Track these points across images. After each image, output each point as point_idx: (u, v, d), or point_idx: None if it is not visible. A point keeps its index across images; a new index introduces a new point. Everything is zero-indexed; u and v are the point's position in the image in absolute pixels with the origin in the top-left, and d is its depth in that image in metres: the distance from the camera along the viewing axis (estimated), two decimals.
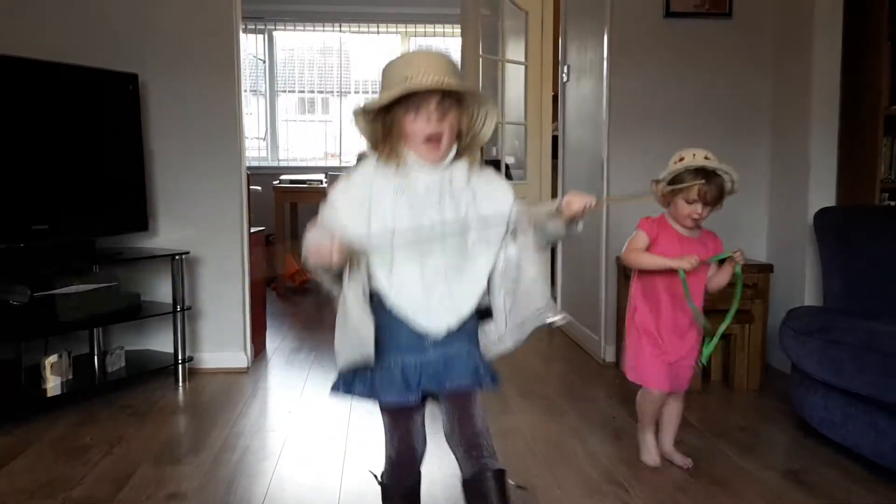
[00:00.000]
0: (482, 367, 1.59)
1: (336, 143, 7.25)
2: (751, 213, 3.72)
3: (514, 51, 5.40)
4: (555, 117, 5.08)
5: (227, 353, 3.64)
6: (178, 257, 3.37)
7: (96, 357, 3.43)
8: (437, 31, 7.25)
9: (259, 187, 5.09)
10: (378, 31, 7.16)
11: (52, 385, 3.05)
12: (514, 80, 5.38)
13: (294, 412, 3.05)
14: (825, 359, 2.51)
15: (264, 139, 7.17)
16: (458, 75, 1.59)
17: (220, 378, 3.50)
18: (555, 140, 4.90)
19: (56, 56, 3.15)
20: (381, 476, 1.75)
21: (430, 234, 1.54)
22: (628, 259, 2.40)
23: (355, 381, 1.61)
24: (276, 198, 5.76)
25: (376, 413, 1.67)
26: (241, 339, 3.67)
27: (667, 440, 2.51)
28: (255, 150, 7.03)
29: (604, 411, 3.06)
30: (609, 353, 3.71)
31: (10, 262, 2.98)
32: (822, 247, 2.98)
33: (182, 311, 3.40)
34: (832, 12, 3.31)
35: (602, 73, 3.69)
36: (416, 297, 1.56)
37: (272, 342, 4.18)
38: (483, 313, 1.63)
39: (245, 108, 3.77)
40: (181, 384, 3.39)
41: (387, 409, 1.65)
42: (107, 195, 3.34)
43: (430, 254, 1.55)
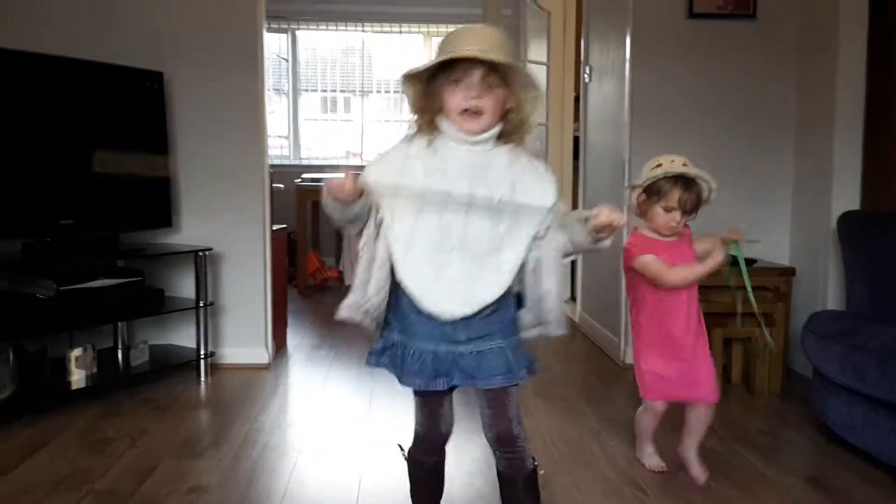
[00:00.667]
0: (514, 361, 1.58)
1: (357, 142, 7.28)
2: (774, 215, 3.70)
3: (536, 51, 5.39)
4: (576, 118, 5.07)
5: (248, 349, 3.67)
6: (201, 254, 3.40)
7: (120, 351, 3.48)
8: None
9: (282, 185, 5.13)
10: (400, 31, 7.18)
11: (77, 378, 3.10)
12: None
13: (314, 408, 3.07)
14: (847, 363, 2.49)
15: (287, 138, 7.21)
16: (508, 51, 1.53)
17: (241, 374, 3.53)
18: (576, 141, 4.90)
19: (82, 54, 3.19)
20: (409, 451, 1.78)
21: (458, 202, 1.51)
22: (676, 281, 2.24)
23: (383, 356, 1.63)
24: (299, 196, 5.80)
25: (396, 409, 1.70)
26: (263, 336, 3.70)
27: (690, 446, 2.41)
28: (278, 149, 7.08)
29: (623, 413, 3.05)
30: (629, 355, 3.70)
31: (37, 256, 3.03)
32: (846, 251, 2.95)
33: (205, 307, 3.43)
34: (857, 12, 3.28)
35: (624, 74, 3.68)
36: (426, 280, 1.53)
37: (293, 339, 4.21)
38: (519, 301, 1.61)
39: (268, 107, 3.80)
40: (203, 379, 3.43)
41: (417, 391, 1.67)
42: (132, 191, 3.38)
43: (450, 237, 1.52)
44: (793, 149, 3.68)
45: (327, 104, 7.47)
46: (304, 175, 6.10)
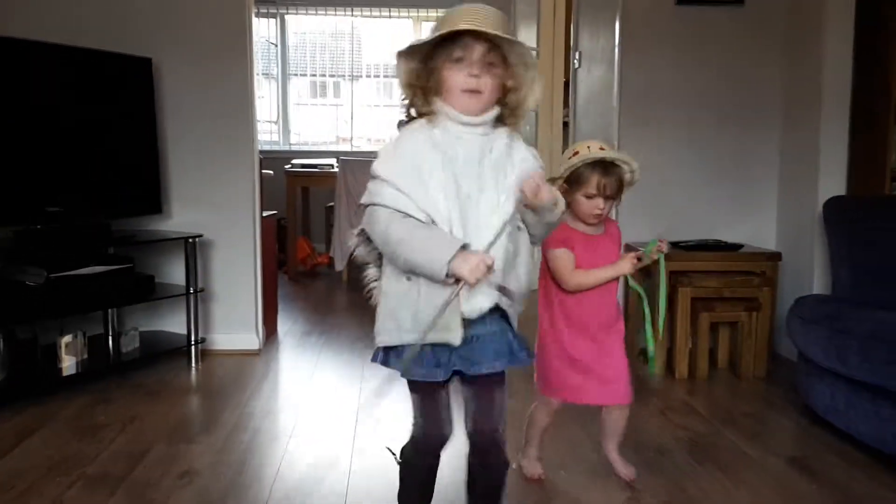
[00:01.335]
0: (516, 343, 1.56)
1: (347, 127, 7.27)
2: (760, 201, 3.73)
3: (526, 36, 5.38)
4: (566, 104, 5.08)
5: (239, 335, 3.68)
6: (191, 240, 3.40)
7: (111, 337, 3.48)
8: None
9: (271, 171, 5.12)
10: (390, 16, 7.15)
11: (68, 365, 3.11)
12: None
13: (304, 393, 3.09)
14: (831, 347, 2.53)
15: (276, 123, 7.19)
16: (510, 35, 1.51)
17: (232, 359, 3.54)
18: (565, 126, 4.90)
19: (71, 40, 3.17)
20: (401, 454, 1.71)
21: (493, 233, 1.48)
22: (577, 285, 2.13)
23: (390, 355, 1.57)
24: (288, 182, 5.79)
25: (387, 393, 1.69)
26: (253, 322, 3.71)
27: (611, 448, 2.31)
28: (267, 134, 7.06)
29: None
30: None
31: (27, 243, 3.02)
32: (832, 236, 2.98)
33: (195, 294, 3.44)
34: (845, 1, 3.29)
35: (613, 60, 3.70)
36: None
37: (283, 325, 4.22)
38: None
39: (257, 92, 3.79)
40: (194, 365, 3.44)
41: (415, 387, 1.60)
42: (121, 178, 3.37)
43: (465, 227, 1.49)
44: (780, 134, 3.71)
45: (316, 88, 7.45)
46: (294, 161, 6.09)
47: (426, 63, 1.52)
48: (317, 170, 5.89)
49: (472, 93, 1.50)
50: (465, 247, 1.45)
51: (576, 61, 4.37)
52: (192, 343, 3.46)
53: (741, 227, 3.68)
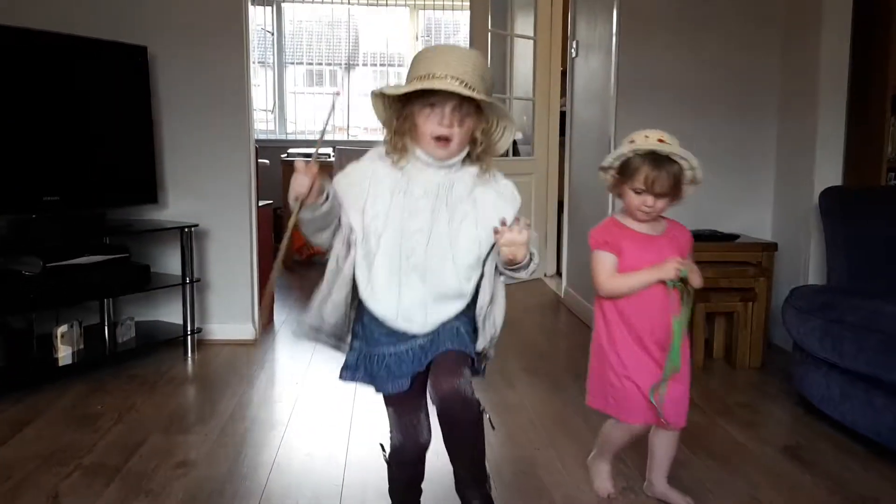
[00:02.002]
0: (468, 336, 1.60)
1: (343, 116, 7.25)
2: (756, 190, 3.73)
3: (524, 25, 5.37)
4: (563, 93, 5.07)
5: (234, 325, 3.68)
6: (186, 230, 3.40)
7: (107, 327, 3.48)
8: (445, 4, 7.21)
9: (267, 161, 5.11)
10: (387, 4, 7.13)
11: (64, 355, 3.10)
12: (523, 55, 5.36)
13: (301, 383, 3.10)
14: (826, 337, 2.53)
15: (272, 111, 7.17)
16: (487, 80, 1.54)
17: (228, 349, 3.55)
18: (563, 116, 4.90)
19: (65, 28, 3.15)
20: (388, 458, 1.77)
21: (414, 250, 1.56)
22: (611, 290, 1.94)
23: (358, 369, 1.65)
24: (284, 172, 5.77)
25: None
26: (249, 312, 3.71)
27: (661, 478, 2.10)
28: (263, 123, 7.04)
29: None
30: None
31: (22, 233, 3.02)
32: (827, 226, 2.99)
33: (191, 283, 3.44)
34: None
35: (611, 49, 3.68)
36: (390, 303, 1.58)
37: (279, 315, 4.22)
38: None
39: (253, 80, 3.78)
40: (190, 355, 3.44)
41: (388, 400, 1.68)
42: (117, 167, 3.36)
43: (411, 258, 1.56)
44: (777, 124, 3.70)
45: (313, 77, 7.42)
46: (290, 150, 6.07)
47: (402, 105, 1.57)
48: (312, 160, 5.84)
49: (441, 140, 1.54)
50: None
51: (573, 50, 4.36)
52: (188, 333, 3.45)
53: (737, 217, 3.68)
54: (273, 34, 7.11)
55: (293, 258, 5.82)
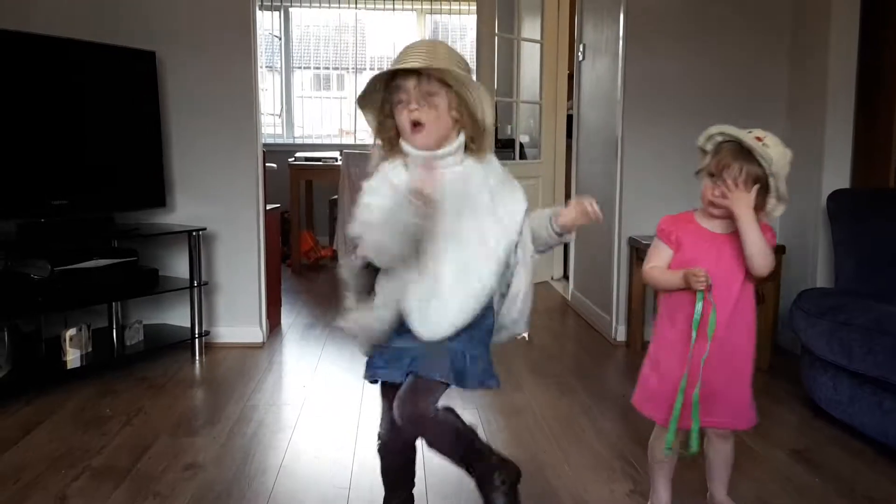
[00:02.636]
0: (463, 362, 1.60)
1: (351, 120, 7.27)
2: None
3: (530, 29, 5.38)
4: (570, 96, 5.07)
5: (242, 328, 3.69)
6: (194, 233, 3.41)
7: (115, 330, 3.50)
8: (452, 8, 7.23)
9: (274, 164, 5.12)
10: (394, 9, 7.14)
11: (72, 357, 3.12)
12: (530, 59, 5.37)
13: (308, 386, 3.11)
14: (834, 340, 2.52)
15: (280, 116, 7.19)
16: (451, 61, 1.54)
17: (235, 352, 3.55)
18: (569, 119, 4.90)
19: (75, 33, 3.18)
20: (378, 446, 1.84)
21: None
22: (646, 280, 1.92)
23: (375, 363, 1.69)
24: (292, 176, 5.79)
25: None
26: (257, 315, 3.72)
27: (721, 489, 1.99)
28: (271, 127, 7.06)
29: (614, 390, 3.09)
30: (620, 333, 3.73)
31: (31, 236, 3.04)
32: (835, 229, 2.98)
33: (199, 287, 3.45)
34: None
35: (618, 52, 3.68)
36: (414, 303, 1.59)
37: (287, 318, 4.23)
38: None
39: (261, 85, 3.79)
40: (198, 358, 3.45)
41: (382, 392, 1.73)
42: (125, 171, 3.38)
43: (439, 262, 1.58)
44: (784, 126, 3.68)
45: (320, 81, 7.44)
46: (298, 154, 6.09)
47: (387, 116, 1.61)
48: (320, 163, 5.89)
49: (415, 126, 1.55)
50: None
51: (580, 53, 4.36)
52: (196, 336, 3.46)
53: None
54: (280, 38, 7.14)
55: (301, 262, 5.83)
